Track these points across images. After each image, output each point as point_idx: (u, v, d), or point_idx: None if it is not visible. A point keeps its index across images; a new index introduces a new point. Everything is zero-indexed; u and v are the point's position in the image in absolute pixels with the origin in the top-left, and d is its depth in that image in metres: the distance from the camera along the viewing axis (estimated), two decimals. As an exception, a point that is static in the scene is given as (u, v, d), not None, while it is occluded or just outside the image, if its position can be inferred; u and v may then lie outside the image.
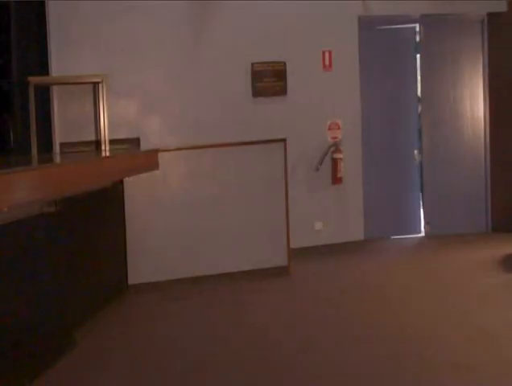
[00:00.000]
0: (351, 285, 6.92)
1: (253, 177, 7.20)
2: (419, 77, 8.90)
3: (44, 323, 4.94)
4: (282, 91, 7.96)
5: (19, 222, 4.56)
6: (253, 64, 7.82)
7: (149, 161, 6.60)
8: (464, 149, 9.03)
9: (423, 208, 9.04)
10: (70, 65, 7.13)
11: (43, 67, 7.10)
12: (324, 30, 8.11)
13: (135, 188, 6.85)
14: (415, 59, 8.91)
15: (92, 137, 7.24)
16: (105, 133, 7.02)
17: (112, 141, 7.12)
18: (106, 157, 6.41)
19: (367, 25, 8.42)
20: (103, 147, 7.02)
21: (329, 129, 8.19)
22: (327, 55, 8.13)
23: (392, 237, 8.83)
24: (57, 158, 6.55)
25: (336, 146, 8.11)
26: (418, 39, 8.92)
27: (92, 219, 6.02)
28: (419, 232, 8.96)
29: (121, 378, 4.78)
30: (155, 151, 6.74)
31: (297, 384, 4.55)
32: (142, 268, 6.85)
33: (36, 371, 4.68)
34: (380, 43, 8.68)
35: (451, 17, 8.84)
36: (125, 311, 6.35)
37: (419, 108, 8.96)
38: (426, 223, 9.03)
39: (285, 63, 7.94)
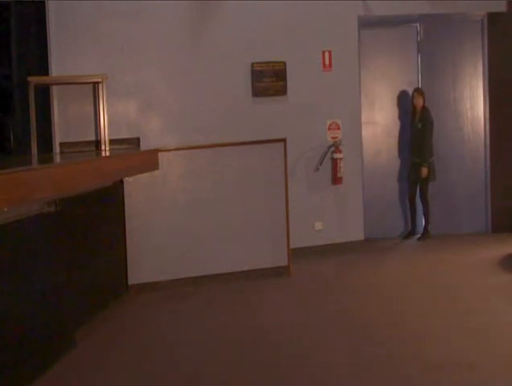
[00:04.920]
0: (350, 285, 6.92)
1: (253, 177, 7.20)
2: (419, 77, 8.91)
3: (44, 323, 4.94)
4: (282, 91, 7.96)
5: (19, 222, 4.56)
6: (253, 64, 7.82)
7: (149, 161, 6.60)
8: (464, 149, 9.04)
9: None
10: (70, 65, 7.13)
11: (43, 67, 7.09)
12: (324, 30, 8.11)
13: (135, 188, 6.85)
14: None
15: (93, 137, 7.24)
16: (105, 133, 7.01)
17: (112, 141, 7.12)
18: (106, 157, 6.41)
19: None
20: (103, 147, 7.01)
21: (329, 129, 8.19)
22: (327, 55, 8.13)
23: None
24: (57, 158, 6.55)
25: (335, 146, 8.11)
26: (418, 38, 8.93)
27: (92, 219, 6.02)
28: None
29: (121, 378, 4.78)
30: (155, 151, 6.75)
31: (297, 384, 4.55)
32: (142, 268, 6.85)
33: (36, 371, 4.68)
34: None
35: (451, 17, 8.84)
36: (126, 311, 6.35)
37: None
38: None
39: (285, 63, 7.94)
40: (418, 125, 8.65)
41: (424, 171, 8.56)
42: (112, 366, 5.00)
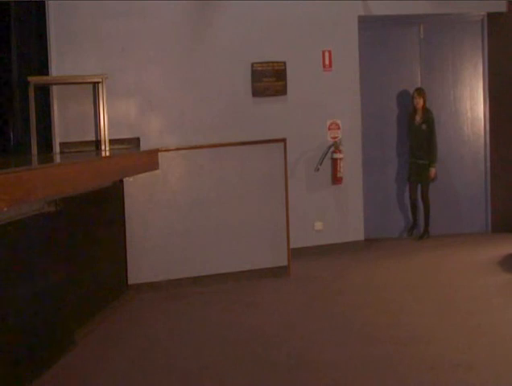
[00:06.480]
0: (351, 285, 6.92)
1: (253, 177, 7.20)
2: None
3: (44, 323, 4.94)
4: (282, 91, 7.96)
5: (19, 222, 4.56)
6: (253, 64, 7.83)
7: (149, 161, 6.61)
8: (464, 149, 9.04)
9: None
10: (70, 65, 7.14)
11: (43, 67, 7.10)
12: (324, 30, 8.11)
13: (135, 188, 6.85)
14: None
15: (92, 137, 7.25)
16: (105, 133, 7.02)
17: (112, 141, 7.12)
18: (106, 157, 6.41)
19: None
20: (103, 147, 7.02)
21: (329, 129, 8.19)
22: (327, 55, 8.13)
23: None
24: (57, 158, 6.55)
25: (336, 146, 8.11)
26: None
27: (92, 219, 6.02)
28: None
29: (122, 378, 4.78)
30: (155, 151, 6.76)
31: (297, 384, 4.55)
32: (142, 268, 6.85)
33: (36, 371, 4.68)
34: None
35: (451, 17, 8.85)
36: (125, 311, 6.35)
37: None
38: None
39: (285, 63, 7.95)
40: (422, 126, 8.60)
41: (433, 172, 8.57)
42: (112, 366, 5.00)
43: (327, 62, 8.15)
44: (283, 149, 7.24)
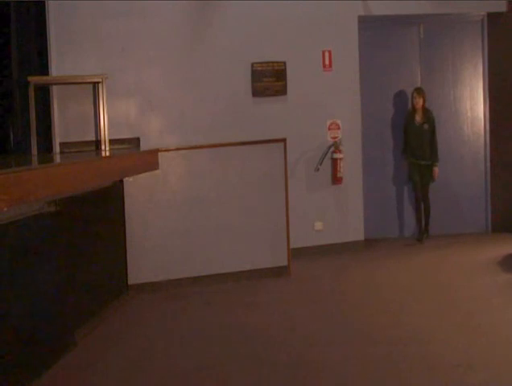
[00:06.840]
0: (351, 285, 6.92)
1: (253, 177, 7.20)
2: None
3: (44, 323, 4.94)
4: (282, 91, 7.96)
5: (19, 222, 4.56)
6: (253, 64, 7.83)
7: (149, 161, 6.61)
8: (464, 149, 9.04)
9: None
10: (70, 65, 7.14)
11: (43, 67, 7.10)
12: (324, 30, 8.11)
13: (135, 188, 6.85)
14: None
15: (92, 137, 7.25)
16: (105, 133, 7.02)
17: (112, 141, 7.13)
18: (106, 157, 6.41)
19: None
20: (103, 147, 7.02)
21: (329, 129, 8.19)
22: (327, 55, 8.14)
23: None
24: (57, 158, 6.55)
25: (336, 146, 8.11)
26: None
27: (92, 219, 6.02)
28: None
29: (121, 378, 4.78)
30: (155, 151, 6.76)
31: (297, 384, 4.55)
32: (142, 268, 6.85)
33: (36, 371, 4.68)
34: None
35: (451, 17, 8.85)
36: (126, 311, 6.35)
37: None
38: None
39: (285, 63, 7.95)
40: (423, 126, 8.54)
41: (437, 171, 8.56)
42: (112, 366, 5.00)
43: (327, 62, 8.15)
44: (283, 149, 7.24)
